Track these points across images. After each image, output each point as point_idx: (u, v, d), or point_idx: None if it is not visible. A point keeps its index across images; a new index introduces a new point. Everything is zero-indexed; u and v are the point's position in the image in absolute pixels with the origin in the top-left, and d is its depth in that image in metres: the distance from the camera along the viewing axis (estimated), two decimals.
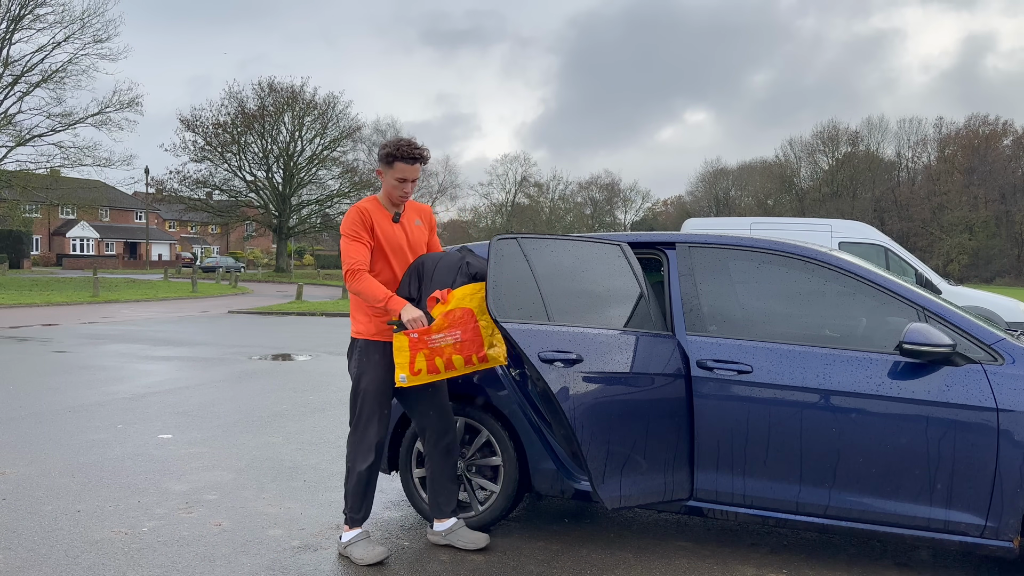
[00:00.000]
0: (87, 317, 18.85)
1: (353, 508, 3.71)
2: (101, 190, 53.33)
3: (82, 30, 36.71)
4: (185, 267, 59.12)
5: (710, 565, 3.69)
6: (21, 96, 36.41)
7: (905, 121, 72.06)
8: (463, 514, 4.04)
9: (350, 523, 3.72)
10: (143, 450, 5.70)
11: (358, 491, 3.70)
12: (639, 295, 3.80)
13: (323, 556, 3.72)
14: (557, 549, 3.88)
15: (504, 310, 3.51)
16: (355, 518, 3.72)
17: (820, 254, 3.78)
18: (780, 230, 11.64)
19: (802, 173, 73.92)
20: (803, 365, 3.49)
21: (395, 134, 67.44)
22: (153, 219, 76.24)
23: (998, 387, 3.24)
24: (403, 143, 3.62)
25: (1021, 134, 65.15)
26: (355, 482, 3.69)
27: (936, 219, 62.82)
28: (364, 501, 3.73)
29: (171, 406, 7.46)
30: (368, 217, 3.63)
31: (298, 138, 51.05)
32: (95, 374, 9.47)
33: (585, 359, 3.50)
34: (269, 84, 50.15)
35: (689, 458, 3.63)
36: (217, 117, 49.32)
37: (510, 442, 3.95)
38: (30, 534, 3.93)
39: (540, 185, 78.12)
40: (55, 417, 6.82)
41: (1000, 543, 3.22)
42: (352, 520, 3.72)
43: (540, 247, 3.75)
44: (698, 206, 75.96)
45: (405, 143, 3.62)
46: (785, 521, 3.53)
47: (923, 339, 3.26)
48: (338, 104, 51.84)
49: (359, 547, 3.64)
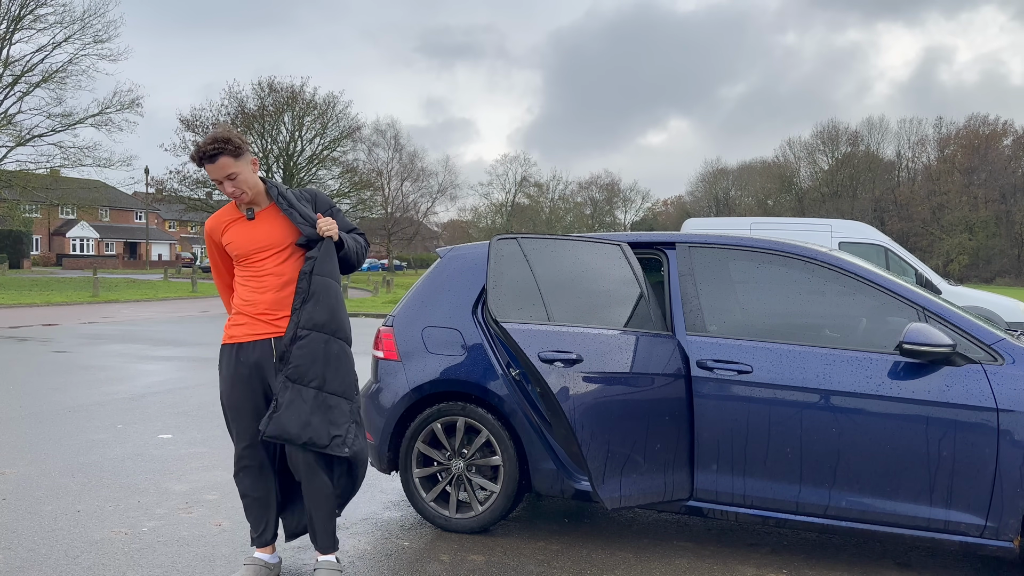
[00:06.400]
0: (87, 317, 18.85)
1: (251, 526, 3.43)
2: (101, 190, 53.22)
3: (82, 30, 36.67)
4: (185, 267, 59.10)
5: (710, 565, 3.69)
6: (21, 96, 36.37)
7: (905, 121, 72.21)
8: (463, 514, 4.04)
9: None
10: (143, 450, 5.70)
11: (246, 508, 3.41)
12: (639, 295, 3.80)
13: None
14: (557, 549, 3.88)
15: (504, 310, 3.51)
16: (252, 536, 3.43)
17: (820, 254, 3.78)
18: (780, 230, 11.64)
19: (802, 173, 73.91)
20: (803, 365, 3.49)
21: (395, 134, 67.54)
22: (153, 219, 76.25)
23: (998, 387, 3.24)
24: (200, 142, 3.25)
25: (1021, 134, 65.13)
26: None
27: (936, 219, 62.80)
28: (257, 517, 3.39)
29: (171, 406, 7.46)
30: (215, 229, 3.38)
31: (298, 138, 51.03)
32: (95, 374, 9.47)
33: (585, 359, 3.50)
34: (269, 84, 50.14)
35: (689, 458, 3.63)
36: (217, 117, 49.31)
37: (510, 442, 3.95)
38: (30, 534, 3.93)
39: (540, 185, 78.11)
40: (55, 417, 6.82)
41: (1000, 543, 3.22)
42: (251, 539, 3.44)
43: (540, 247, 3.75)
44: (698, 206, 75.94)
45: (201, 141, 3.23)
46: (785, 521, 3.53)
47: (923, 339, 3.26)
48: (338, 104, 51.81)
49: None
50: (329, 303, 3.26)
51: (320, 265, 3.26)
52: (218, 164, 3.19)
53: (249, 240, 3.32)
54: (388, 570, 3.58)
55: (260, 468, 3.34)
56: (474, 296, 4.16)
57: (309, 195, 3.46)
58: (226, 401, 3.35)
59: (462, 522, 4.04)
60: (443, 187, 72.94)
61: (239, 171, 3.22)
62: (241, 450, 3.33)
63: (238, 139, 3.22)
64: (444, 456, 4.10)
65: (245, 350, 3.30)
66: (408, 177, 69.59)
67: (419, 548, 3.86)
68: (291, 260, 3.33)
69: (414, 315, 4.28)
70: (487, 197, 77.46)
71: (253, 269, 3.33)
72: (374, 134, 64.26)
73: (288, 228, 3.32)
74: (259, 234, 3.32)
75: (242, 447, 3.33)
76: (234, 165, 3.21)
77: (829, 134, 72.20)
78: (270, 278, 3.31)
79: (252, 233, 3.33)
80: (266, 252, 3.31)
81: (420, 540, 3.97)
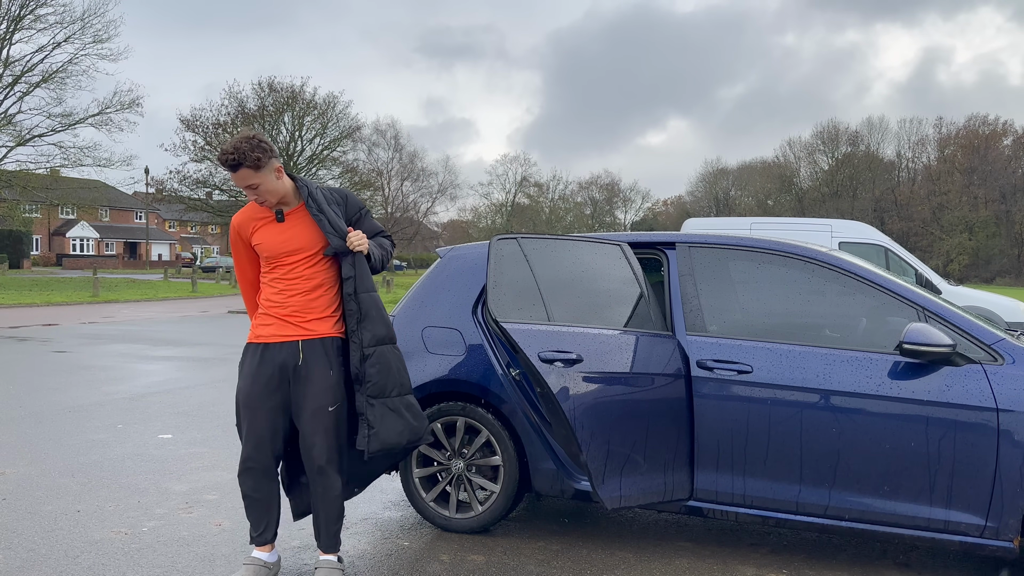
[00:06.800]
0: (87, 317, 18.85)
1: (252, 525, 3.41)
2: (101, 190, 53.29)
3: (82, 30, 36.69)
4: (185, 267, 59.12)
5: (710, 565, 3.69)
6: (21, 96, 36.38)
7: (905, 121, 72.21)
8: (463, 514, 4.05)
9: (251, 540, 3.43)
10: (143, 450, 5.70)
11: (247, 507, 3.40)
12: (639, 295, 3.80)
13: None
14: (557, 549, 3.88)
15: (504, 310, 3.52)
16: (252, 535, 3.41)
17: (820, 254, 3.78)
18: (780, 230, 11.64)
19: (802, 173, 73.91)
20: (803, 365, 3.49)
21: (395, 134, 67.50)
22: (153, 219, 76.25)
23: (998, 387, 3.24)
24: (222, 149, 3.17)
25: (1021, 134, 65.12)
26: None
27: (936, 219, 62.81)
28: (258, 517, 3.38)
29: (171, 406, 7.46)
30: (243, 226, 3.36)
31: (298, 138, 51.00)
32: (95, 374, 9.47)
33: (585, 359, 3.50)
34: (269, 84, 50.11)
35: (689, 458, 3.63)
36: (217, 117, 49.29)
37: (510, 442, 3.95)
38: (30, 534, 3.93)
39: (540, 185, 78.09)
40: (55, 417, 6.82)
41: (1000, 543, 3.22)
42: (250, 537, 3.43)
43: (540, 247, 3.75)
44: (698, 206, 75.96)
45: (222, 150, 3.16)
46: (785, 521, 3.53)
47: (923, 339, 3.26)
48: (338, 104, 51.78)
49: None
50: (381, 316, 3.33)
51: (360, 283, 3.30)
52: (239, 175, 3.17)
53: (280, 242, 3.29)
54: (388, 570, 3.58)
55: (265, 472, 3.32)
56: (474, 296, 4.16)
57: (340, 196, 3.45)
58: (243, 399, 3.30)
59: (462, 522, 4.04)
60: (443, 187, 72.90)
61: (260, 182, 3.19)
62: (249, 451, 3.30)
63: (259, 150, 3.14)
64: (444, 456, 4.10)
65: (271, 350, 3.29)
66: (408, 177, 69.57)
67: (419, 548, 3.86)
68: (321, 263, 3.32)
69: (414, 315, 4.28)
70: (487, 197, 77.48)
71: (282, 271, 3.31)
72: (374, 134, 64.23)
73: (319, 232, 3.30)
74: (290, 237, 3.29)
75: (250, 448, 3.30)
76: (254, 177, 3.17)
77: (829, 134, 72.24)
78: (300, 281, 3.30)
79: (283, 235, 3.30)
80: (297, 255, 3.29)
81: (420, 540, 3.97)
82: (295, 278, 3.30)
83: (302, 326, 3.29)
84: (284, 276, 3.30)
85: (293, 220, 3.31)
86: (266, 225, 3.32)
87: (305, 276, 3.30)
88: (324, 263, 3.32)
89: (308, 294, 3.30)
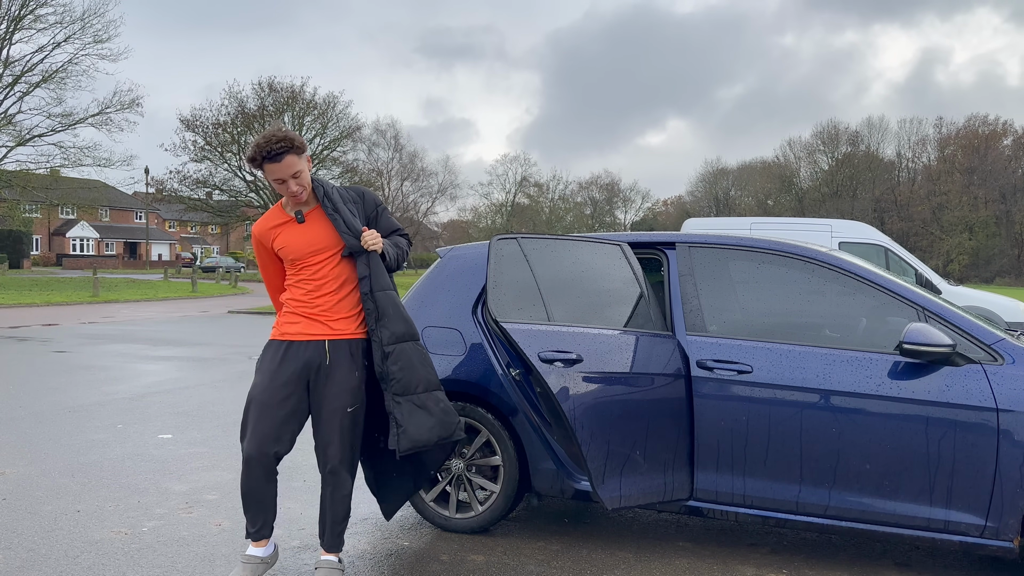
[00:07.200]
0: (87, 317, 18.85)
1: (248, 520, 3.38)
2: (101, 190, 53.27)
3: (82, 30, 36.69)
4: (185, 267, 59.12)
5: (710, 565, 3.69)
6: (21, 96, 36.38)
7: (905, 121, 72.25)
8: (463, 514, 4.05)
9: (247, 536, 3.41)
10: (143, 450, 5.70)
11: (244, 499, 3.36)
12: (639, 295, 3.80)
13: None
14: (557, 549, 3.88)
15: (504, 310, 3.52)
16: (248, 530, 3.38)
17: (820, 254, 3.78)
18: (780, 230, 11.65)
19: (802, 173, 73.91)
20: (803, 365, 3.49)
21: (395, 134, 67.49)
22: (153, 219, 76.25)
23: (998, 387, 3.24)
24: (261, 142, 3.14)
25: (1021, 134, 65.14)
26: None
27: (936, 219, 62.81)
28: (255, 514, 3.34)
29: (171, 406, 7.46)
30: (264, 235, 3.36)
31: None
32: (95, 374, 9.47)
33: (585, 359, 3.50)
34: (269, 84, 50.12)
35: (689, 458, 3.63)
36: (217, 117, 49.30)
37: (510, 442, 3.95)
38: (30, 534, 3.93)
39: (540, 185, 78.11)
40: (55, 417, 6.82)
41: (1000, 543, 3.22)
42: (246, 532, 3.40)
43: (540, 247, 3.75)
44: (698, 206, 75.97)
45: (264, 140, 3.13)
46: (785, 521, 3.53)
47: (923, 339, 3.26)
48: (338, 104, 51.79)
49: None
50: (399, 313, 3.30)
51: (375, 282, 3.28)
52: (285, 163, 3.14)
53: (304, 244, 3.29)
54: (388, 570, 3.58)
55: (266, 473, 3.30)
56: (474, 296, 4.16)
57: (357, 195, 3.44)
58: (257, 394, 3.25)
59: (462, 522, 4.04)
60: (443, 187, 72.88)
61: (303, 168, 3.20)
62: (252, 450, 3.25)
63: (298, 137, 3.19)
64: None
65: (295, 348, 3.27)
66: (408, 177, 69.56)
67: (419, 548, 3.86)
68: (346, 261, 3.32)
69: (414, 315, 4.27)
70: (487, 197, 77.48)
71: (309, 272, 3.30)
72: (374, 134, 64.20)
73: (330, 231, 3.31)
74: (312, 237, 3.29)
75: (253, 445, 3.24)
76: (299, 163, 3.18)
77: (829, 134, 72.24)
78: (328, 282, 3.29)
79: (305, 236, 3.29)
80: (322, 255, 3.29)
81: (420, 540, 3.97)
82: (322, 279, 3.29)
83: (329, 325, 3.28)
84: (311, 277, 3.30)
85: (313, 220, 3.31)
86: (287, 229, 3.32)
87: (332, 276, 3.30)
88: (349, 261, 3.32)
89: (336, 293, 3.30)
